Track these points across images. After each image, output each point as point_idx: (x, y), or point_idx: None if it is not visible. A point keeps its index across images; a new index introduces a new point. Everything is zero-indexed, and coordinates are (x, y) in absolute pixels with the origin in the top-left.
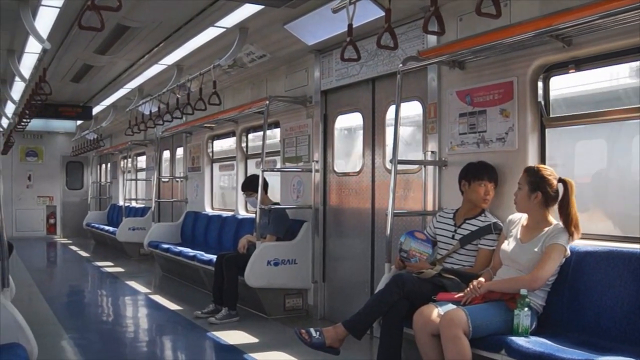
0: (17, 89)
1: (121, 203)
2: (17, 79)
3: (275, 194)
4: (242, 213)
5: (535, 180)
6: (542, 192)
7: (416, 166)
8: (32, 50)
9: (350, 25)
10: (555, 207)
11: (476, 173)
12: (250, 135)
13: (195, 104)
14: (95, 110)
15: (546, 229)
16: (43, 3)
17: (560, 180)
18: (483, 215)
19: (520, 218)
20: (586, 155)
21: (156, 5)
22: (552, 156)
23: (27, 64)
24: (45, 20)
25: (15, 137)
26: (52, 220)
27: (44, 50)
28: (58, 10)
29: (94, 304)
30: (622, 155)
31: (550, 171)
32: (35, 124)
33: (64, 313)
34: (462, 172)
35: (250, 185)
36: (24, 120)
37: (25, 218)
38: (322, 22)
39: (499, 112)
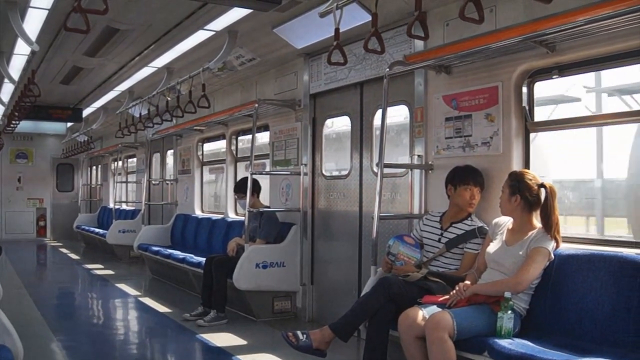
0: (6, 91)
1: (111, 205)
2: (5, 80)
3: (264, 196)
4: (232, 216)
5: (515, 184)
6: (521, 195)
7: (403, 170)
8: (21, 51)
9: (337, 30)
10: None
11: (462, 177)
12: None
13: (185, 107)
14: (86, 112)
15: (531, 232)
16: (31, 5)
17: (542, 185)
18: (469, 219)
19: (506, 221)
20: None
21: (145, 8)
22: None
23: (16, 65)
24: (33, 22)
25: (4, 138)
26: (42, 223)
27: (33, 52)
28: (47, 12)
29: (83, 307)
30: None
31: (532, 176)
32: (25, 125)
33: (52, 315)
34: (449, 176)
35: (243, 187)
36: (13, 122)
37: (14, 220)
38: (310, 26)
39: (484, 117)
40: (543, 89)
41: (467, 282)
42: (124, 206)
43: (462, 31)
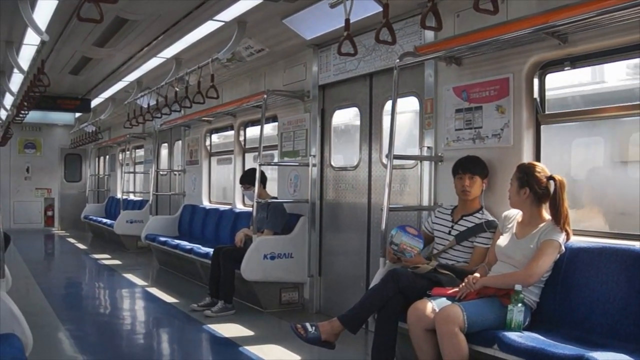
0: (16, 81)
1: (119, 196)
2: (15, 70)
3: (272, 188)
4: (240, 207)
5: (524, 176)
6: (530, 188)
7: (412, 161)
8: (31, 42)
9: (347, 20)
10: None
11: (454, 168)
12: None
13: (193, 98)
14: (94, 102)
15: (541, 225)
16: None
17: (550, 177)
18: (480, 212)
19: (516, 214)
20: None
21: None
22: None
23: (26, 55)
24: (43, 12)
25: (13, 128)
26: (50, 213)
27: (43, 42)
28: (56, 2)
29: (91, 296)
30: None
31: (541, 168)
32: (34, 115)
33: (60, 305)
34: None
35: (249, 178)
36: (22, 112)
37: (23, 210)
38: (320, 17)
39: (495, 109)
40: None
41: (477, 274)
42: (131, 196)
43: (473, 22)
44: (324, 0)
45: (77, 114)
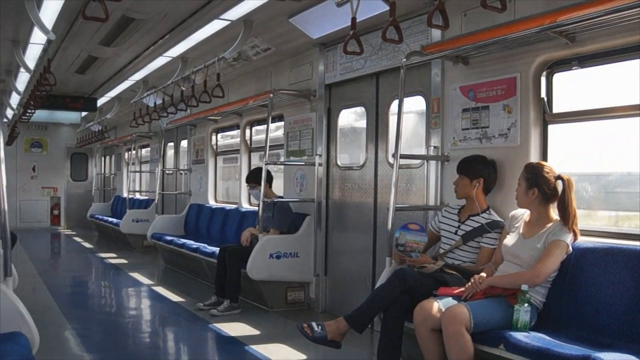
0: (22, 80)
1: (125, 195)
2: (21, 69)
3: (278, 187)
4: (246, 206)
5: (532, 176)
6: (538, 188)
7: (419, 161)
8: (37, 41)
9: (353, 19)
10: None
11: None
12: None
13: (199, 97)
14: (100, 101)
15: (548, 225)
16: None
17: (559, 177)
18: (487, 212)
19: (523, 213)
20: None
21: None
22: None
23: (32, 54)
24: (50, 10)
25: (20, 128)
26: (56, 212)
27: (49, 41)
28: (63, 0)
29: (97, 295)
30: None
31: (549, 168)
32: (40, 115)
33: (66, 303)
34: None
35: (254, 177)
36: (29, 111)
37: (29, 209)
38: (326, 16)
39: (502, 108)
40: None
41: (483, 274)
42: (137, 195)
43: (480, 21)
44: None
45: (83, 113)
